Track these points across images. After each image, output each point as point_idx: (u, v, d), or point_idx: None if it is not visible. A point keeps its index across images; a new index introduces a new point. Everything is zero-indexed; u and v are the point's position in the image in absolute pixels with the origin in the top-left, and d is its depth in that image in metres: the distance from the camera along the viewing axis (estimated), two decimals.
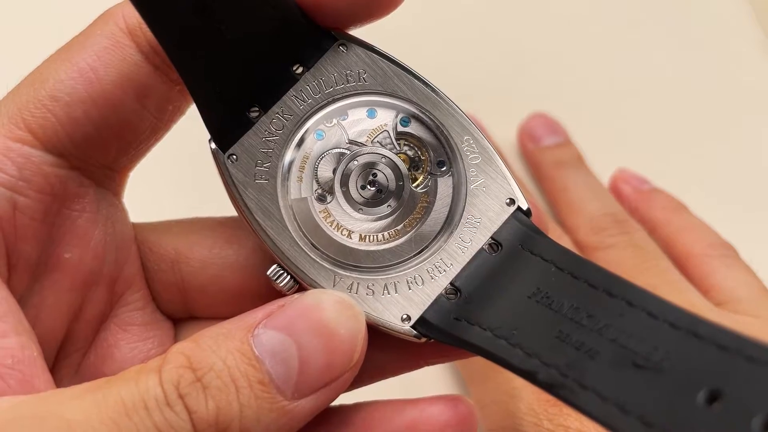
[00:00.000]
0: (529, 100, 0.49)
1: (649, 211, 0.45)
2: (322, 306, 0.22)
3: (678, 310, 0.20)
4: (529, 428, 0.35)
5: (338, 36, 0.25)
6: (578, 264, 0.23)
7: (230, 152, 0.25)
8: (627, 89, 0.51)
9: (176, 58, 0.23)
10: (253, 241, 0.27)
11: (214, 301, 0.28)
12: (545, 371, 0.21)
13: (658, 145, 0.49)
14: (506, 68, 0.51)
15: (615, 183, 0.47)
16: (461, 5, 0.53)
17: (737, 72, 0.51)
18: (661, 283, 0.39)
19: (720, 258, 0.42)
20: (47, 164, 0.24)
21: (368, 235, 0.25)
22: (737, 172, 0.49)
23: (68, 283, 0.26)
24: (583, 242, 0.43)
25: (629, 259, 0.41)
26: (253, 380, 0.21)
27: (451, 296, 0.24)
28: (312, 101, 0.25)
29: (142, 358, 0.27)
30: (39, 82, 0.24)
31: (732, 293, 0.40)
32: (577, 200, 0.45)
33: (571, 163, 0.47)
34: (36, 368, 0.23)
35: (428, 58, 0.35)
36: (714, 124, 0.50)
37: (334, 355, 0.22)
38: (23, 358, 0.23)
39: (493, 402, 0.37)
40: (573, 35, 0.52)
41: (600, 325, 0.21)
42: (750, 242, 0.43)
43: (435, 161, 0.26)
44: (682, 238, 0.43)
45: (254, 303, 0.26)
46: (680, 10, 0.53)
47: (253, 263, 0.27)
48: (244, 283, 0.27)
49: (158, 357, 0.22)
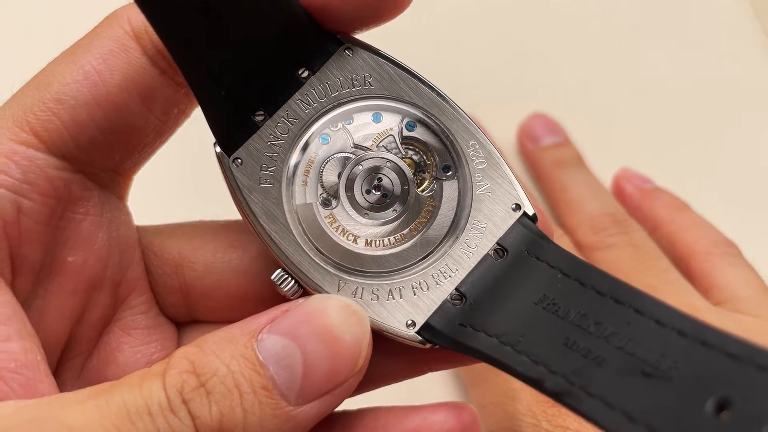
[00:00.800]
0: (528, 100, 0.49)
1: (652, 210, 0.45)
2: (327, 311, 0.22)
3: (686, 317, 0.20)
4: (528, 429, 0.35)
5: (344, 40, 0.25)
6: (585, 270, 0.23)
7: (235, 156, 0.25)
8: (627, 89, 0.51)
9: (181, 60, 0.23)
10: (257, 246, 0.27)
11: (218, 305, 0.28)
12: (552, 379, 0.21)
13: (658, 144, 0.49)
14: (506, 68, 0.51)
15: (618, 182, 0.47)
16: (461, 6, 0.53)
17: (737, 72, 0.51)
18: (660, 283, 0.40)
19: (722, 256, 0.42)
20: (51, 167, 0.24)
21: (374, 239, 0.25)
22: (737, 172, 0.49)
23: (72, 287, 0.26)
24: (582, 242, 0.43)
25: (628, 259, 0.41)
26: (257, 385, 0.21)
27: (456, 302, 0.24)
28: (317, 105, 0.25)
29: (145, 362, 0.27)
30: (44, 85, 0.24)
31: (733, 292, 0.40)
32: (576, 200, 0.45)
33: (571, 162, 0.47)
34: (39, 372, 0.23)
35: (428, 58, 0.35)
36: (714, 124, 0.50)
37: (339, 361, 0.22)
38: (26, 362, 0.23)
39: (491, 403, 0.37)
40: (573, 35, 0.52)
41: (607, 332, 0.21)
42: (750, 242, 0.43)
43: (440, 166, 0.26)
44: (685, 236, 0.43)
45: (258, 307, 0.26)
46: (680, 10, 0.53)
47: (257, 267, 0.27)
48: (248, 288, 0.27)
49: (162, 361, 0.22)
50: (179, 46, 0.23)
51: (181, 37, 0.23)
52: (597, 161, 0.47)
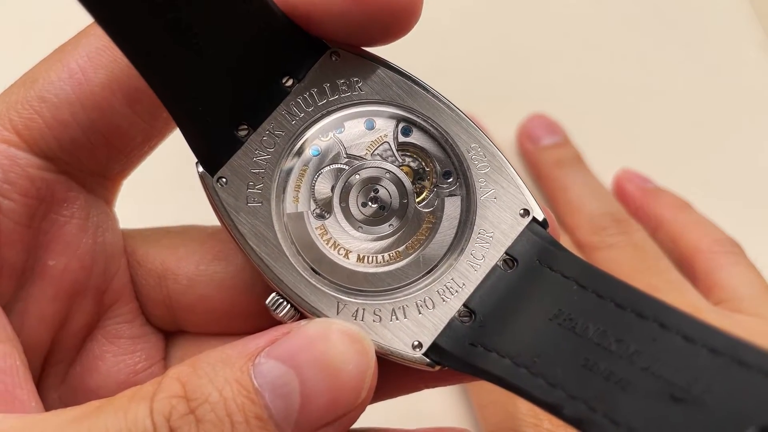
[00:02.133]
0: (528, 100, 0.49)
1: (654, 209, 0.45)
2: (329, 337, 0.21)
3: (717, 332, 0.18)
4: (529, 429, 0.34)
5: (329, 44, 0.23)
6: (602, 281, 0.21)
7: (219, 175, 0.23)
8: (627, 89, 0.50)
9: (150, 77, 0.21)
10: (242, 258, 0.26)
11: (203, 319, 0.27)
12: (571, 405, 0.19)
13: (658, 144, 0.49)
14: (505, 68, 0.50)
15: (619, 182, 0.47)
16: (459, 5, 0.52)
17: (737, 72, 0.51)
18: (660, 282, 0.40)
19: (726, 255, 0.42)
20: (33, 167, 0.24)
21: (367, 255, 0.23)
22: (737, 172, 0.48)
23: (53, 292, 0.25)
24: (582, 241, 0.43)
25: (629, 258, 0.41)
26: (250, 415, 0.20)
27: (465, 319, 0.22)
28: (305, 115, 0.23)
29: (128, 372, 0.26)
30: (30, 82, 0.24)
31: (735, 291, 0.40)
32: (576, 199, 0.45)
33: (571, 162, 0.47)
34: (18, 378, 0.22)
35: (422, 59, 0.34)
36: (714, 124, 0.50)
37: (340, 393, 0.21)
38: (5, 367, 0.22)
39: (492, 402, 0.37)
40: (573, 35, 0.52)
41: (630, 351, 0.19)
42: (750, 242, 0.43)
43: (441, 172, 0.24)
44: (688, 235, 0.43)
45: (245, 322, 0.25)
46: (680, 10, 0.53)
47: (241, 281, 0.26)
48: (233, 303, 0.26)
49: (153, 381, 0.20)
50: (146, 63, 0.21)
51: (147, 53, 0.21)
52: (597, 161, 0.47)
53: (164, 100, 0.22)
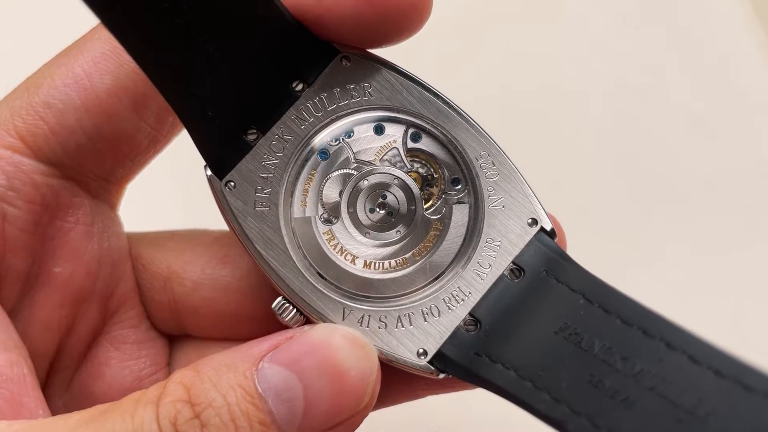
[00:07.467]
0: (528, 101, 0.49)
1: None
2: (333, 343, 0.21)
3: (722, 354, 0.18)
4: None
5: (340, 48, 0.23)
6: (609, 296, 0.21)
7: (227, 179, 0.23)
8: (626, 89, 0.50)
9: (159, 81, 0.21)
10: (248, 261, 0.26)
11: (208, 323, 0.27)
12: (575, 421, 0.19)
13: (658, 144, 0.48)
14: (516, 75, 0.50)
15: None
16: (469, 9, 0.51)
17: (737, 72, 0.51)
18: None
19: None
20: (38, 173, 0.23)
21: (373, 261, 0.23)
22: (737, 172, 0.48)
23: (59, 298, 0.25)
24: None
25: None
26: (254, 420, 0.20)
27: (470, 328, 0.22)
28: (314, 120, 0.23)
29: (133, 378, 0.26)
30: (34, 87, 0.23)
31: None
32: None
33: None
34: (25, 386, 0.22)
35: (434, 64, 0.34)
36: (714, 124, 0.49)
37: (343, 398, 0.21)
38: (12, 375, 0.22)
39: None
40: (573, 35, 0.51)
41: (636, 369, 0.19)
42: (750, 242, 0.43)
43: (449, 179, 0.24)
44: None
45: (249, 326, 0.25)
46: (680, 10, 0.52)
47: (246, 286, 0.26)
48: (238, 307, 0.26)
49: (158, 385, 0.21)
50: (154, 67, 0.21)
51: (155, 57, 0.21)
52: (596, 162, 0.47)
53: (173, 104, 0.22)
